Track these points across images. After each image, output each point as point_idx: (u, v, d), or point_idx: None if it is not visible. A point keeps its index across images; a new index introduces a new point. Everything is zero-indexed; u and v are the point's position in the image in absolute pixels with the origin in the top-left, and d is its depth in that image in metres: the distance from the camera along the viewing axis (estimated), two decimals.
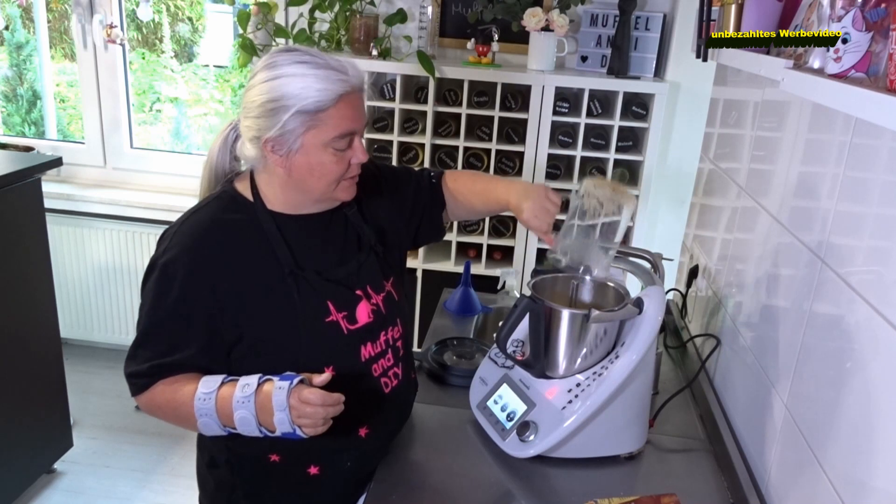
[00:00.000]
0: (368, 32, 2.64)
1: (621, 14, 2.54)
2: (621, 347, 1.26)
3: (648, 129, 2.52)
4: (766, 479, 1.21)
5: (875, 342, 0.89)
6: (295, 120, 1.09)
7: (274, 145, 1.12)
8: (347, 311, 1.22)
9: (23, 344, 2.25)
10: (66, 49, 3.50)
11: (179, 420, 1.14)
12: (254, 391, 1.06)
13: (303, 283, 1.18)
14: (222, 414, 1.08)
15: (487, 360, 1.44)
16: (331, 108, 1.10)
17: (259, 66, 1.13)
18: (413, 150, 2.66)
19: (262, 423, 1.06)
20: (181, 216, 1.20)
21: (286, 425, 1.04)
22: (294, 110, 1.09)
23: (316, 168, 1.14)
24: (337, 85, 1.10)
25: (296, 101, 1.08)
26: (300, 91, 1.08)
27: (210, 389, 1.09)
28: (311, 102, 1.09)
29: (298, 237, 1.21)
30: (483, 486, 1.23)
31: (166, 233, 1.19)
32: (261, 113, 1.10)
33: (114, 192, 3.12)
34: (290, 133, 1.10)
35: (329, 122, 1.11)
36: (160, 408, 1.16)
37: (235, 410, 1.06)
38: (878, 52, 0.89)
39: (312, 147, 1.12)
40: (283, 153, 1.13)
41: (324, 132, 1.11)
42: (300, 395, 1.04)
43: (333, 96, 1.10)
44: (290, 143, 1.12)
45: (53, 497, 2.41)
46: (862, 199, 0.97)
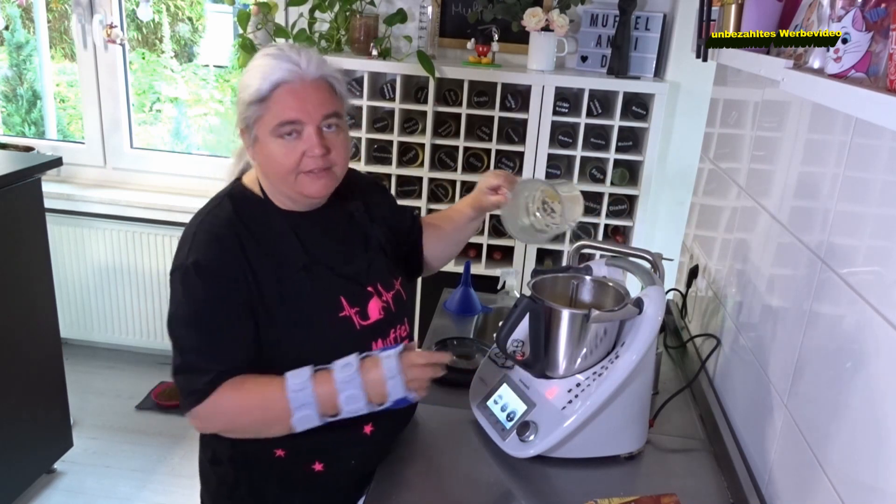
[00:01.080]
0: (368, 32, 2.64)
1: (621, 14, 2.54)
2: (621, 347, 1.26)
3: (648, 129, 2.52)
4: (766, 479, 1.21)
5: (875, 342, 0.89)
6: (249, 109, 1.14)
7: (245, 137, 1.18)
8: (360, 307, 1.23)
9: (23, 344, 2.25)
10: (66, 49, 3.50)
11: (261, 420, 1.14)
12: (357, 369, 1.11)
13: (316, 277, 1.20)
14: (323, 401, 1.11)
15: (487, 360, 1.44)
16: (272, 96, 1.13)
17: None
18: (413, 150, 2.66)
19: (372, 397, 1.12)
20: (195, 217, 1.21)
21: (400, 390, 1.11)
22: (248, 99, 1.14)
23: (270, 159, 1.16)
24: (279, 73, 1.12)
25: (245, 91, 1.14)
26: (249, 81, 1.14)
27: (303, 379, 1.11)
28: (254, 90, 1.13)
29: (310, 233, 1.23)
30: (483, 486, 1.23)
31: (185, 236, 1.18)
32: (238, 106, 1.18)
33: (114, 192, 3.13)
34: (248, 121, 1.16)
35: (272, 109, 1.13)
36: (230, 412, 1.14)
37: (342, 391, 1.10)
38: (878, 52, 0.89)
39: (264, 137, 1.15)
40: (249, 142, 1.18)
41: (268, 120, 1.14)
42: (408, 359, 1.12)
43: (269, 84, 1.12)
44: (252, 136, 1.17)
45: (53, 497, 2.41)
46: (862, 199, 0.97)
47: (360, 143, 2.64)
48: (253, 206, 1.22)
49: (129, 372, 3.19)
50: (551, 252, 2.76)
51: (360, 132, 2.61)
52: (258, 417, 1.14)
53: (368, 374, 1.12)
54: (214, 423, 1.17)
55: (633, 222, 2.63)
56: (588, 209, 2.64)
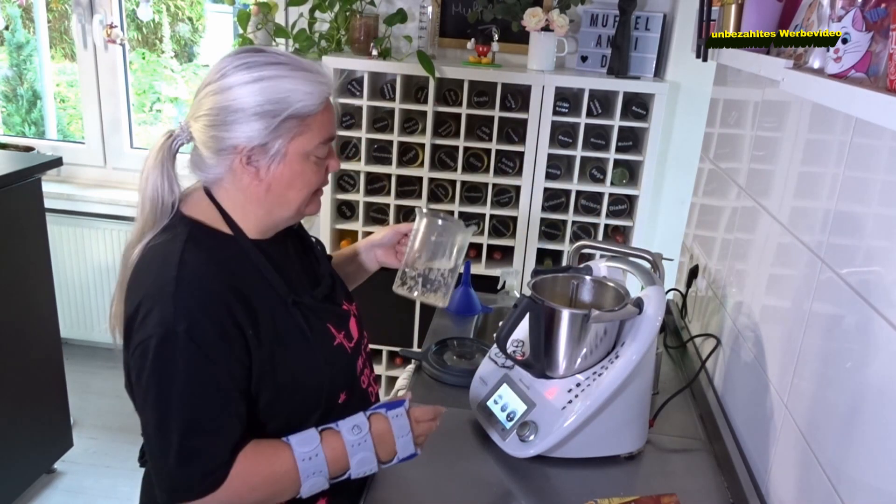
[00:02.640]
0: (368, 32, 2.64)
1: (621, 14, 2.54)
2: (621, 347, 1.26)
3: (648, 129, 2.52)
4: (766, 479, 1.21)
5: (875, 342, 0.89)
6: (285, 125, 1.00)
7: (252, 156, 1.01)
8: (344, 330, 1.17)
9: (23, 344, 2.25)
10: (66, 49, 3.50)
11: (271, 493, 1.04)
12: (367, 430, 1.06)
13: (305, 310, 1.10)
14: (333, 466, 1.05)
15: (487, 360, 1.44)
16: (318, 113, 1.03)
17: (224, 67, 1.00)
18: (413, 150, 2.66)
19: (381, 456, 1.07)
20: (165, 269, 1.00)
21: (410, 448, 1.09)
22: (286, 114, 0.99)
23: (298, 179, 1.05)
24: (322, 87, 1.02)
25: (286, 104, 0.99)
26: (289, 94, 0.99)
27: (313, 447, 1.04)
28: (303, 106, 1.00)
29: (282, 262, 1.12)
30: (483, 486, 1.23)
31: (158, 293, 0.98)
32: (239, 119, 0.99)
33: (114, 192, 3.13)
34: (276, 140, 1.00)
35: (314, 127, 1.03)
36: (240, 488, 1.01)
37: (353, 455, 1.05)
38: (878, 52, 0.89)
39: (296, 156, 1.03)
40: (262, 164, 1.02)
41: (309, 139, 1.03)
42: (414, 416, 1.09)
43: (321, 99, 1.02)
44: (273, 153, 1.01)
45: (53, 497, 2.41)
46: (862, 199, 0.97)
47: (360, 143, 2.64)
48: (224, 248, 1.06)
49: None
50: (551, 252, 2.76)
51: (360, 132, 2.61)
52: (269, 491, 1.04)
53: (378, 434, 1.07)
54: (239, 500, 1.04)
55: (633, 222, 2.63)
56: (588, 209, 2.64)
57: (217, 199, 1.07)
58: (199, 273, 1.00)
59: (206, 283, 1.00)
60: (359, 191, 2.70)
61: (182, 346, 0.96)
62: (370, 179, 2.71)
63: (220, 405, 1.00)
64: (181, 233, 1.04)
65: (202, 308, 0.98)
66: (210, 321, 0.98)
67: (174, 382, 0.97)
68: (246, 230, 1.08)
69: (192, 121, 1.04)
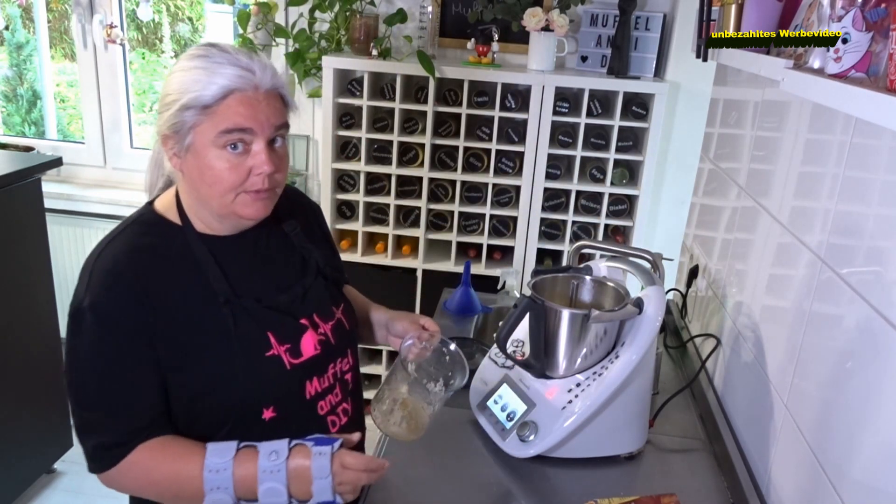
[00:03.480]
0: (368, 32, 2.64)
1: (621, 14, 2.54)
2: (621, 347, 1.26)
3: (648, 129, 2.52)
4: (766, 479, 1.21)
5: (875, 342, 0.89)
6: (185, 115, 1.01)
7: (169, 145, 1.04)
8: (291, 344, 1.11)
9: (23, 344, 2.25)
10: (66, 49, 3.50)
11: (170, 493, 1.03)
12: (284, 460, 1.00)
13: (240, 312, 1.07)
14: (240, 486, 1.00)
15: (487, 360, 1.44)
16: (221, 103, 1.00)
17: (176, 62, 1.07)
18: (413, 150, 2.66)
19: (294, 493, 1.00)
20: (96, 247, 1.08)
21: (328, 493, 1.00)
22: (181, 103, 1.00)
23: (207, 171, 1.02)
24: (231, 80, 1.00)
25: (185, 93, 1.00)
26: (192, 84, 1.00)
27: (224, 459, 1.00)
28: (194, 96, 1.00)
29: (234, 261, 1.11)
30: (483, 486, 1.23)
31: (84, 269, 1.06)
32: (161, 109, 1.04)
33: (114, 192, 3.12)
34: (183, 130, 1.02)
35: (217, 116, 1.00)
36: (140, 479, 1.03)
37: (262, 482, 0.99)
38: (878, 52, 0.89)
39: (202, 145, 1.01)
40: (181, 154, 1.04)
41: (207, 129, 1.01)
42: (342, 460, 1.01)
43: (221, 90, 1.00)
44: (186, 143, 1.03)
45: (53, 497, 2.41)
46: (862, 199, 0.97)
47: (360, 143, 2.64)
48: (165, 234, 1.08)
49: None
50: (551, 252, 2.76)
51: (360, 132, 2.61)
52: (169, 490, 1.03)
53: (295, 468, 1.00)
54: (121, 486, 1.06)
55: (633, 222, 2.63)
56: (588, 209, 2.64)
57: (179, 194, 1.12)
58: (114, 256, 1.05)
59: (119, 267, 1.04)
60: (359, 191, 2.70)
61: (87, 321, 1.01)
62: (370, 179, 2.71)
63: (119, 385, 1.02)
64: (134, 217, 1.10)
65: (107, 287, 1.02)
66: (114, 301, 1.01)
67: (77, 355, 1.03)
68: (194, 223, 1.10)
69: None
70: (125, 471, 1.02)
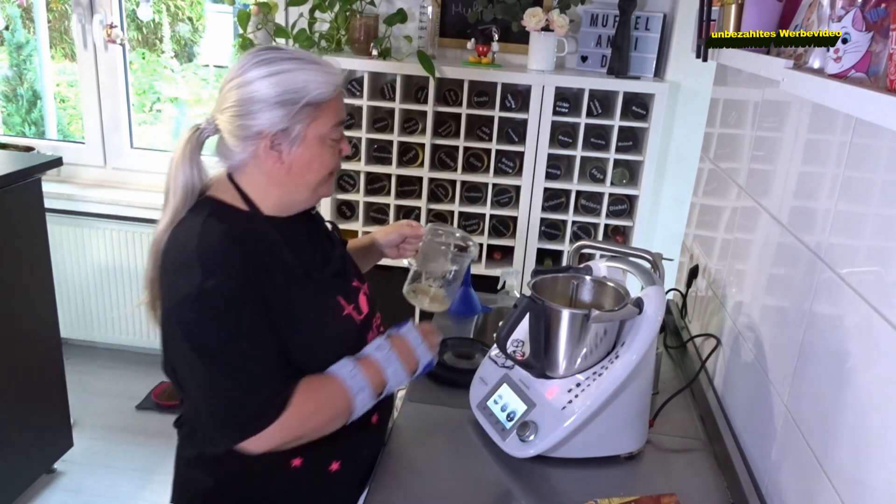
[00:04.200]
0: (368, 32, 2.64)
1: (621, 14, 2.54)
2: (621, 347, 1.26)
3: (648, 129, 2.52)
4: (766, 479, 1.21)
5: (875, 342, 0.89)
6: (303, 112, 1.11)
7: (275, 141, 1.12)
8: (354, 304, 1.26)
9: (23, 344, 2.25)
10: (66, 49, 3.50)
11: (332, 416, 1.16)
12: (390, 347, 1.22)
13: (315, 282, 1.19)
14: (373, 381, 1.18)
15: (487, 360, 1.44)
16: (330, 100, 1.14)
17: (245, 63, 1.11)
18: (413, 150, 2.66)
19: (408, 367, 1.23)
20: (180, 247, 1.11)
21: (427, 355, 1.26)
22: (304, 101, 1.10)
23: (315, 161, 1.16)
24: (333, 77, 1.14)
25: (303, 93, 1.10)
26: (305, 84, 1.10)
27: (351, 367, 1.17)
28: (317, 94, 1.11)
29: (295, 238, 1.21)
30: (483, 486, 1.23)
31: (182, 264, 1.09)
32: (262, 108, 1.09)
33: (114, 192, 3.13)
34: (296, 125, 1.11)
35: (328, 112, 1.14)
36: (305, 416, 1.12)
37: (385, 369, 1.20)
38: (878, 52, 0.89)
39: (314, 139, 1.14)
40: (283, 147, 1.12)
41: (324, 122, 1.14)
42: (421, 328, 1.28)
43: (333, 87, 1.14)
44: (294, 137, 1.12)
45: (53, 497, 2.41)
46: (862, 199, 0.97)
47: (360, 143, 2.64)
48: (241, 221, 1.15)
49: (129, 372, 3.19)
50: (551, 252, 2.76)
51: (360, 132, 2.61)
52: (327, 413, 1.15)
53: (399, 348, 1.23)
54: (287, 434, 1.11)
55: (633, 222, 2.63)
56: (588, 209, 2.64)
57: (238, 183, 1.18)
58: (216, 241, 1.10)
59: (225, 246, 1.10)
60: (359, 191, 2.70)
61: (218, 300, 1.07)
62: (370, 179, 2.71)
63: (263, 344, 1.11)
64: (203, 211, 1.14)
65: (225, 268, 1.08)
66: (235, 280, 1.08)
67: (220, 331, 1.08)
68: (263, 209, 1.18)
69: (218, 114, 1.14)
70: (291, 411, 1.10)
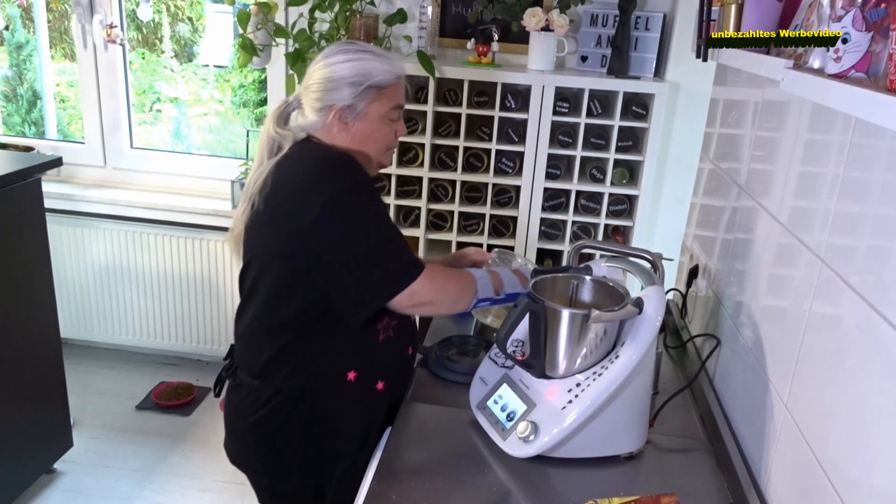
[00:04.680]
0: (368, 32, 2.64)
1: (621, 14, 2.54)
2: (621, 347, 1.26)
3: (648, 129, 2.52)
4: (765, 479, 1.21)
5: (875, 342, 0.89)
6: (367, 92, 1.37)
7: (342, 113, 1.37)
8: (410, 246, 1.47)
9: (23, 344, 2.25)
10: (66, 49, 3.50)
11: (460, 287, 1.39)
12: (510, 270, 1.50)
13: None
14: (490, 274, 1.43)
15: (487, 360, 1.44)
16: (392, 86, 1.40)
17: (330, 52, 1.40)
18: (413, 150, 2.66)
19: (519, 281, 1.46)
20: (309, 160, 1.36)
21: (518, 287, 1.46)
22: (367, 84, 1.36)
23: (374, 133, 1.41)
24: (396, 68, 1.40)
25: (368, 77, 1.36)
26: (371, 70, 1.37)
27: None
28: (380, 79, 1.37)
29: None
30: (483, 486, 1.23)
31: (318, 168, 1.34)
32: (337, 86, 1.36)
33: (114, 192, 3.13)
34: (360, 102, 1.37)
35: (388, 95, 1.40)
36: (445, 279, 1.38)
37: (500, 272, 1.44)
38: (878, 52, 0.89)
39: (374, 116, 1.39)
40: (348, 120, 1.38)
41: (384, 104, 1.39)
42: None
43: (394, 76, 1.40)
44: (357, 112, 1.38)
45: (53, 497, 2.41)
46: (862, 199, 0.97)
47: None
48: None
49: (129, 372, 3.19)
50: (551, 252, 2.76)
51: None
52: (457, 285, 1.38)
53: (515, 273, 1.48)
54: (435, 284, 1.35)
55: (633, 222, 2.63)
56: (588, 209, 2.64)
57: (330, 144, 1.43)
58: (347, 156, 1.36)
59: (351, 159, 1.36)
60: None
61: (365, 190, 1.34)
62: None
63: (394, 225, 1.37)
64: (315, 145, 1.39)
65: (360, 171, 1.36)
66: (367, 177, 1.37)
67: (373, 211, 1.34)
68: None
69: (303, 91, 1.41)
70: (426, 279, 1.33)
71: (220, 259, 3.07)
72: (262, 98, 3.46)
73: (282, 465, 1.44)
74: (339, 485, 1.46)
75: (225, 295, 3.12)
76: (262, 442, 1.43)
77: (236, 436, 1.48)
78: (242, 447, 1.48)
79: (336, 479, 1.46)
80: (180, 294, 3.15)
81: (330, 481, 1.47)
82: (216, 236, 3.03)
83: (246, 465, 1.50)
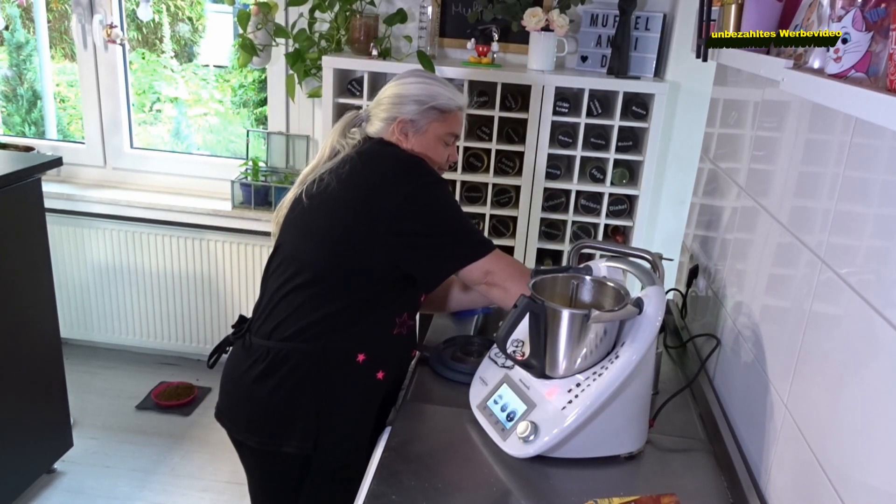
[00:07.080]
0: (368, 32, 2.64)
1: (621, 14, 2.54)
2: (621, 347, 1.26)
3: (648, 129, 2.52)
4: (766, 478, 1.21)
5: (875, 342, 0.89)
6: (429, 112, 1.53)
7: (404, 125, 1.53)
8: None
9: (23, 344, 2.25)
10: (66, 49, 3.51)
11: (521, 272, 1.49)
12: None
13: None
14: None
15: (487, 360, 1.44)
16: (453, 112, 1.56)
17: (405, 75, 1.57)
18: None
19: None
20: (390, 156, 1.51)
21: None
22: (431, 105, 1.53)
23: (429, 150, 1.55)
24: (458, 98, 1.58)
25: (433, 99, 1.53)
26: (437, 94, 1.54)
27: None
28: (444, 103, 1.54)
29: None
30: (483, 486, 1.23)
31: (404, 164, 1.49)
32: (404, 101, 1.53)
33: (114, 192, 3.13)
34: (422, 120, 1.53)
35: (449, 120, 1.56)
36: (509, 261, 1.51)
37: None
38: (878, 52, 0.89)
39: (432, 135, 1.55)
40: (409, 132, 1.53)
41: (443, 126, 1.55)
42: None
43: (456, 105, 1.57)
44: (418, 127, 1.53)
45: (53, 497, 2.41)
46: (862, 199, 0.97)
47: None
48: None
49: (129, 372, 3.19)
50: (551, 252, 2.76)
51: None
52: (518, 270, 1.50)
53: None
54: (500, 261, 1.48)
55: (633, 222, 2.63)
56: (588, 209, 2.64)
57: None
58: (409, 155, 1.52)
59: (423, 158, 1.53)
60: None
61: (443, 183, 1.49)
62: None
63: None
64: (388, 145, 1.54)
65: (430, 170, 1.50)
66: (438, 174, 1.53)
67: (451, 199, 1.50)
68: None
69: (374, 106, 1.57)
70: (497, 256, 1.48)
71: (220, 259, 3.07)
72: (262, 98, 3.46)
73: (278, 425, 1.47)
74: (326, 457, 1.51)
75: (225, 295, 3.13)
76: (266, 399, 1.47)
77: (239, 395, 1.52)
78: (242, 407, 1.51)
79: (325, 449, 1.49)
80: (180, 294, 3.15)
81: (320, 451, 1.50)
82: (216, 236, 3.03)
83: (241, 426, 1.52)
